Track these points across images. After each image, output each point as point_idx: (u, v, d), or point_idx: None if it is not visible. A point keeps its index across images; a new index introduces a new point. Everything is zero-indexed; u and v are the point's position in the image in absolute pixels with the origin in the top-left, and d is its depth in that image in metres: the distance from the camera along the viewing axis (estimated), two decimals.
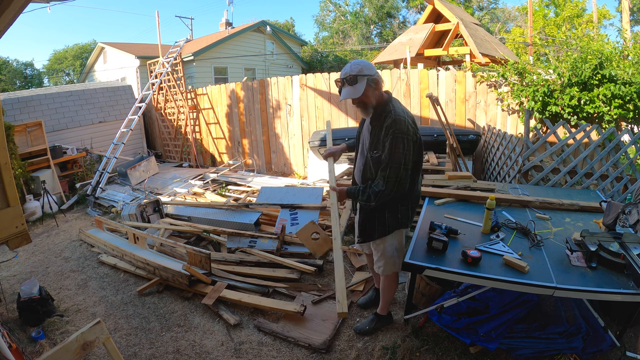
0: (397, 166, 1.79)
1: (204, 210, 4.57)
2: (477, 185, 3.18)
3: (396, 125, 1.78)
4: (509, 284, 1.77)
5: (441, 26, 8.99)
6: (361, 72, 1.81)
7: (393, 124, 1.78)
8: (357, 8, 22.05)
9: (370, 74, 1.81)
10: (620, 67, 4.16)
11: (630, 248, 1.84)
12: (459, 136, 4.63)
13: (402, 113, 1.82)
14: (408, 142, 1.79)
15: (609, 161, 3.42)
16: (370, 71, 1.82)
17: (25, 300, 2.73)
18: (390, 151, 1.79)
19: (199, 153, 8.27)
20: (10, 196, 1.72)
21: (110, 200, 5.86)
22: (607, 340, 2.00)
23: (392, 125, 1.78)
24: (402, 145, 1.78)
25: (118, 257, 3.66)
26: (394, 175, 1.80)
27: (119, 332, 2.63)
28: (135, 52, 12.47)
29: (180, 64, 7.76)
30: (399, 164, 1.79)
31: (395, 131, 1.77)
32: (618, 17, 16.13)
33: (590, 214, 2.59)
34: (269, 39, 14.51)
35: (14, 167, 5.28)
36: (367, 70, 1.82)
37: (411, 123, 1.82)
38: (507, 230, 2.27)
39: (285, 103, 6.80)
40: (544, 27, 15.37)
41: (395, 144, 1.78)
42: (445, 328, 2.20)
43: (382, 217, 2.01)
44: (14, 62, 23.43)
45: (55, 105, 7.11)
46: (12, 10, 1.47)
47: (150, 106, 8.66)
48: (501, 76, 4.64)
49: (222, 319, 2.68)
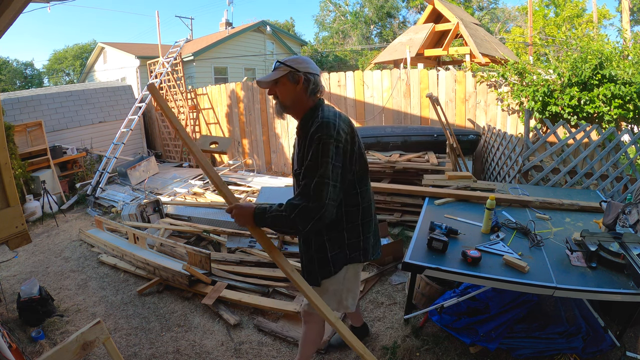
0: (321, 179, 1.34)
1: (204, 210, 4.57)
2: (477, 185, 3.18)
3: (322, 129, 1.39)
4: (509, 284, 1.77)
5: (441, 26, 8.99)
6: (287, 62, 1.50)
7: (319, 128, 1.40)
8: (357, 8, 22.06)
9: (295, 69, 1.47)
10: (620, 67, 4.16)
11: (630, 248, 1.83)
12: (459, 136, 4.63)
13: (332, 116, 1.45)
14: (338, 150, 1.39)
15: (609, 161, 3.42)
16: (300, 66, 1.48)
17: (25, 300, 2.73)
18: (315, 160, 1.37)
19: None
20: (10, 196, 1.73)
21: (110, 200, 5.86)
22: (607, 340, 2.01)
23: (318, 130, 1.39)
24: (329, 152, 1.36)
25: (118, 257, 3.66)
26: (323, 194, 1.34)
27: (119, 332, 2.63)
28: (135, 52, 12.47)
29: (180, 64, 7.76)
30: (324, 177, 1.35)
31: (322, 136, 1.38)
32: (618, 17, 16.13)
33: (590, 214, 2.59)
34: (269, 39, 14.51)
35: (14, 167, 5.28)
36: (296, 64, 1.48)
37: (345, 128, 1.45)
38: (507, 230, 2.27)
39: None
40: (544, 27, 15.37)
41: (321, 151, 1.36)
42: (445, 328, 2.20)
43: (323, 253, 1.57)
44: (14, 62, 23.43)
45: (55, 105, 7.11)
46: (12, 10, 1.47)
47: (150, 106, 8.65)
48: (501, 76, 4.64)
49: (222, 319, 2.68)
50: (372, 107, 5.96)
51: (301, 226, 1.35)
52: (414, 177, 4.28)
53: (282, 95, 1.53)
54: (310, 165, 1.38)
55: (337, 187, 1.39)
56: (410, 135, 4.98)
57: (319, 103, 1.54)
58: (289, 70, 1.48)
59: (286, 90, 1.51)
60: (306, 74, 1.49)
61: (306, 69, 1.50)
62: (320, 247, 1.57)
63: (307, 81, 1.50)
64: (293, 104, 1.53)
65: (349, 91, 6.10)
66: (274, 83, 1.51)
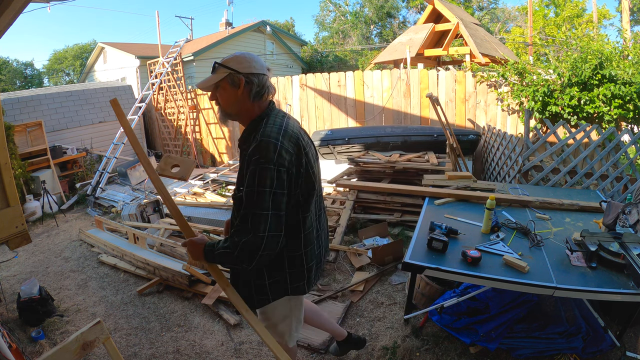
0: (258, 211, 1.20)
1: (204, 210, 4.57)
2: (477, 185, 3.18)
3: (260, 152, 1.20)
4: (509, 284, 1.77)
5: (441, 26, 9.00)
6: (227, 62, 1.31)
7: (256, 150, 1.21)
8: (357, 8, 22.04)
9: (236, 70, 1.28)
10: (620, 67, 4.17)
11: (630, 248, 1.83)
12: (459, 136, 4.63)
13: (274, 133, 1.24)
14: (280, 175, 1.21)
15: (609, 161, 3.42)
16: (241, 66, 1.29)
17: (25, 300, 2.72)
18: (252, 187, 1.21)
19: (199, 153, 8.27)
20: (10, 196, 1.73)
21: (110, 200, 5.86)
22: (607, 340, 2.01)
23: (255, 152, 1.21)
24: (268, 179, 1.19)
25: (118, 257, 3.66)
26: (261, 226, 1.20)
27: (119, 332, 2.63)
28: (135, 52, 12.48)
29: (180, 64, 7.76)
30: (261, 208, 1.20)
31: (259, 159, 1.20)
32: (618, 17, 16.13)
33: (590, 214, 2.59)
34: (269, 39, 14.52)
35: (14, 167, 5.28)
36: (236, 64, 1.29)
37: (289, 147, 1.24)
38: (507, 230, 2.27)
39: (285, 103, 6.80)
40: (544, 27, 15.37)
41: (259, 178, 1.20)
42: (445, 328, 2.20)
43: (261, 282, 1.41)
44: (14, 62, 23.46)
45: (55, 105, 7.11)
46: (12, 10, 1.47)
47: (150, 106, 8.66)
48: (501, 76, 4.64)
49: (222, 319, 2.68)
50: (372, 107, 5.96)
51: (246, 264, 1.23)
52: (414, 177, 4.29)
53: (223, 102, 1.35)
54: (247, 193, 1.22)
55: (280, 216, 1.24)
56: (410, 135, 4.99)
57: (267, 111, 1.35)
58: (228, 72, 1.29)
59: (227, 96, 1.33)
60: (248, 75, 1.29)
61: (248, 68, 1.30)
62: (259, 273, 1.40)
63: (250, 84, 1.30)
64: (236, 111, 1.36)
65: (349, 91, 6.10)
66: (214, 87, 1.34)
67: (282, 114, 1.38)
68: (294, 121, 1.42)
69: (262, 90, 1.32)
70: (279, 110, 1.39)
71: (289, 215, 1.30)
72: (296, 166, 1.27)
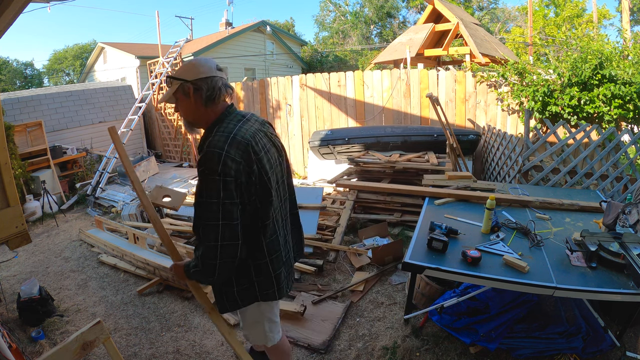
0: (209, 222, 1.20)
1: None
2: (477, 185, 3.18)
3: (205, 162, 1.19)
4: (509, 284, 1.78)
5: (441, 26, 9.00)
6: (177, 73, 1.32)
7: (202, 161, 1.21)
8: (357, 8, 22.06)
9: (184, 79, 1.28)
10: (620, 67, 4.17)
11: (630, 248, 1.84)
12: (459, 136, 4.63)
13: (221, 143, 1.20)
14: (227, 185, 1.18)
15: (609, 161, 3.42)
16: (188, 74, 1.28)
17: (25, 300, 2.72)
18: (201, 198, 1.22)
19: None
20: (10, 196, 1.73)
21: (110, 200, 5.86)
22: (607, 340, 2.01)
23: (201, 162, 1.21)
24: (214, 189, 1.18)
25: (118, 257, 3.66)
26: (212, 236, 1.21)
27: (119, 332, 2.63)
28: (135, 52, 12.47)
29: (180, 64, 7.76)
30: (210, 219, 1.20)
31: (205, 170, 1.19)
32: (618, 17, 16.13)
33: (590, 214, 2.59)
34: (269, 39, 14.52)
35: (14, 167, 5.28)
36: (184, 73, 1.29)
37: (236, 155, 1.20)
38: (507, 230, 2.27)
39: (285, 103, 6.81)
40: (544, 27, 15.38)
41: (206, 188, 1.20)
42: (445, 328, 2.20)
43: (229, 289, 1.42)
44: (14, 62, 23.45)
45: (55, 105, 7.11)
46: (12, 10, 1.47)
47: (150, 106, 8.65)
48: (501, 76, 4.64)
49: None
50: (372, 107, 5.96)
51: (211, 277, 1.28)
52: (414, 177, 4.29)
53: (182, 112, 1.36)
54: (198, 204, 1.24)
55: (233, 225, 1.22)
56: (410, 135, 4.99)
57: (221, 117, 1.32)
58: (179, 82, 1.29)
59: (184, 106, 1.33)
60: (196, 81, 1.27)
61: (196, 75, 1.28)
62: (228, 280, 1.41)
63: (198, 90, 1.28)
64: (195, 119, 1.36)
65: (349, 91, 6.10)
66: (174, 100, 1.34)
67: (238, 117, 1.34)
68: (252, 124, 1.36)
69: (213, 94, 1.29)
70: (236, 114, 1.36)
71: (248, 223, 1.30)
72: (246, 174, 1.24)
